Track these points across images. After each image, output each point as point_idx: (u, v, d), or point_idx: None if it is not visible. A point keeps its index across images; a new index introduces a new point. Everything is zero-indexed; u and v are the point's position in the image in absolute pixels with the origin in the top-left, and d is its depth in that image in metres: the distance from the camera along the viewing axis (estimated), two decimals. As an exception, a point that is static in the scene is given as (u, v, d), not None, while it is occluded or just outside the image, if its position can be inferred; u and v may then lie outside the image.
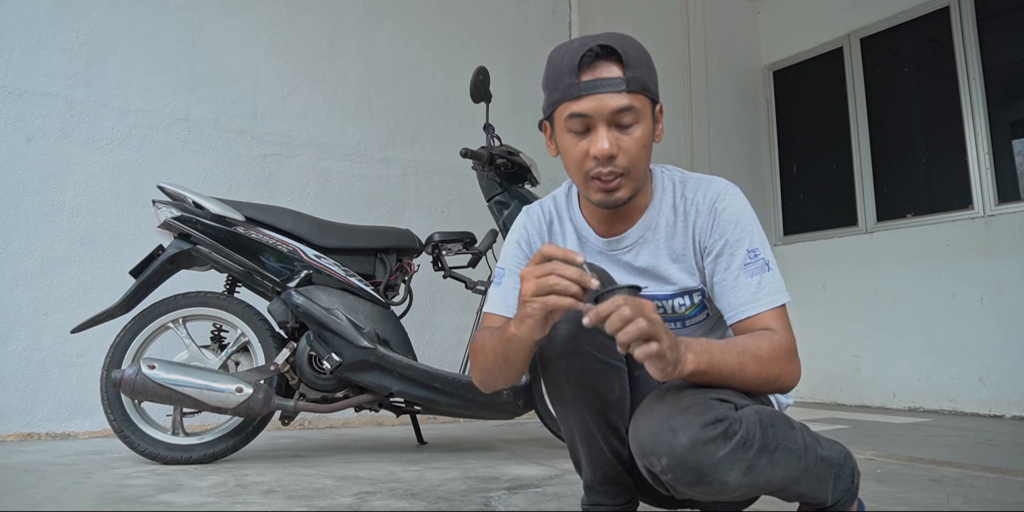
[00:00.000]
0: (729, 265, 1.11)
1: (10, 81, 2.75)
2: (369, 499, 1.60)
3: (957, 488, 1.77)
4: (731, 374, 0.98)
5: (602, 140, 1.05)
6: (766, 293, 1.08)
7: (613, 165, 1.07)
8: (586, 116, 1.06)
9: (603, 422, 1.13)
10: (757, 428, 0.96)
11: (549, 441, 2.68)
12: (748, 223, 1.13)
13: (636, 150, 1.08)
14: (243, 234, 2.20)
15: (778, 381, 1.03)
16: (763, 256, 1.11)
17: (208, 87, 3.17)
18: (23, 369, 2.64)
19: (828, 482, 1.05)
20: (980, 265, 3.76)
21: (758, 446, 0.95)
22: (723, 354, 0.97)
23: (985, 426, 3.21)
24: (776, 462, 0.97)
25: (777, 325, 1.07)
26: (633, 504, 1.22)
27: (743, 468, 0.94)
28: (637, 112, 1.06)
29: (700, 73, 4.93)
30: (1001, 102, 3.87)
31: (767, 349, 1.02)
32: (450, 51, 3.85)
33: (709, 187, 1.17)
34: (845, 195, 4.56)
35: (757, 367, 1.00)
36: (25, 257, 2.70)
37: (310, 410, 2.20)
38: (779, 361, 1.03)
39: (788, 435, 1.00)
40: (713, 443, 0.93)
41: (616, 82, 1.05)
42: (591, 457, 1.17)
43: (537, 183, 2.54)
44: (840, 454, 1.08)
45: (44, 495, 1.62)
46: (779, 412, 1.05)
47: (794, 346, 1.06)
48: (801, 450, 1.01)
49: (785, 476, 0.99)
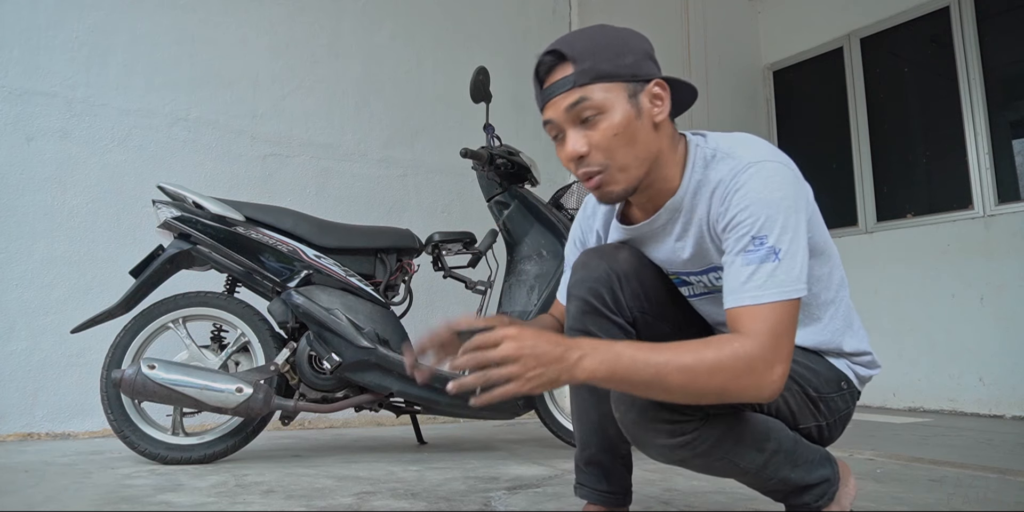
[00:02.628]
0: (730, 249, 1.00)
1: (10, 81, 2.75)
2: (369, 499, 1.60)
3: (957, 488, 1.77)
4: (644, 384, 0.89)
5: (568, 145, 1.04)
6: (755, 286, 0.94)
7: (586, 165, 1.04)
8: (551, 122, 1.06)
9: (602, 406, 1.17)
10: (710, 440, 1.01)
11: (549, 441, 2.68)
12: (761, 206, 0.98)
13: (607, 142, 1.02)
14: (243, 234, 2.20)
15: (725, 394, 0.90)
16: (772, 245, 0.96)
17: (208, 87, 3.17)
18: (23, 369, 2.64)
19: (779, 494, 1.13)
20: (980, 265, 3.75)
21: (699, 452, 1.02)
22: (633, 363, 0.88)
23: (985, 426, 3.21)
24: (712, 465, 1.05)
25: (756, 326, 0.92)
26: (625, 498, 1.23)
27: (674, 458, 1.04)
28: (595, 102, 1.02)
29: (700, 73, 4.93)
30: (1001, 102, 3.87)
31: (708, 359, 0.89)
32: (450, 51, 3.85)
33: (731, 165, 1.04)
34: (845, 195, 4.56)
35: (684, 379, 0.88)
36: (25, 257, 2.70)
37: (310, 410, 2.20)
38: (722, 373, 0.88)
39: (743, 455, 1.04)
40: (655, 431, 1.01)
41: (563, 82, 1.04)
42: (581, 434, 1.25)
43: (537, 183, 2.54)
44: (821, 478, 1.12)
45: (44, 495, 1.62)
46: (762, 433, 1.05)
47: (763, 356, 0.90)
48: (754, 469, 1.06)
49: (719, 475, 1.09)
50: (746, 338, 0.92)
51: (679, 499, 1.61)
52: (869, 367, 1.20)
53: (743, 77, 5.21)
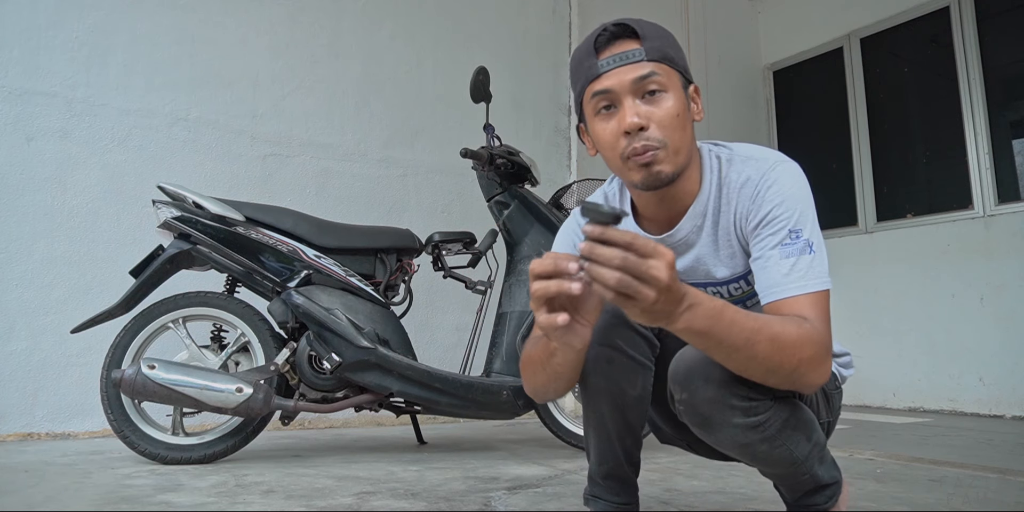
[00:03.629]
0: (766, 244, 1.02)
1: (10, 81, 2.75)
2: (369, 499, 1.60)
3: (957, 488, 1.77)
4: (734, 347, 0.87)
5: (629, 113, 1.00)
6: (799, 276, 0.98)
7: (646, 138, 1.01)
8: (609, 91, 1.02)
9: (620, 419, 1.14)
10: (778, 424, 1.00)
11: (549, 441, 2.68)
12: (794, 202, 1.02)
13: (669, 120, 1.01)
14: (243, 234, 2.20)
15: (794, 373, 0.91)
16: (807, 238, 1.00)
17: (208, 87, 3.17)
18: (23, 369, 2.64)
19: (800, 491, 1.12)
20: (980, 265, 3.76)
21: (767, 436, 0.99)
22: (732, 325, 0.86)
23: (985, 426, 3.21)
24: (771, 455, 1.03)
25: (812, 313, 0.96)
26: (634, 505, 1.22)
27: (743, 442, 1.00)
28: (662, 80, 1.01)
29: (700, 73, 4.92)
30: (1001, 102, 3.87)
31: (793, 334, 0.90)
32: (450, 51, 3.85)
33: (756, 165, 1.07)
34: (845, 195, 4.56)
35: (770, 349, 0.88)
36: (25, 257, 2.70)
37: (310, 410, 2.20)
38: (802, 350, 0.90)
39: (798, 443, 1.04)
40: (732, 410, 0.97)
41: (634, 53, 1.02)
42: (599, 449, 1.18)
43: (537, 183, 2.54)
44: (831, 478, 1.13)
45: (44, 495, 1.62)
46: (811, 422, 1.07)
47: (827, 340, 0.94)
48: (799, 460, 1.05)
49: (772, 466, 1.06)
50: (807, 322, 0.94)
51: (679, 499, 1.61)
52: (847, 367, 1.24)
53: (743, 77, 5.21)
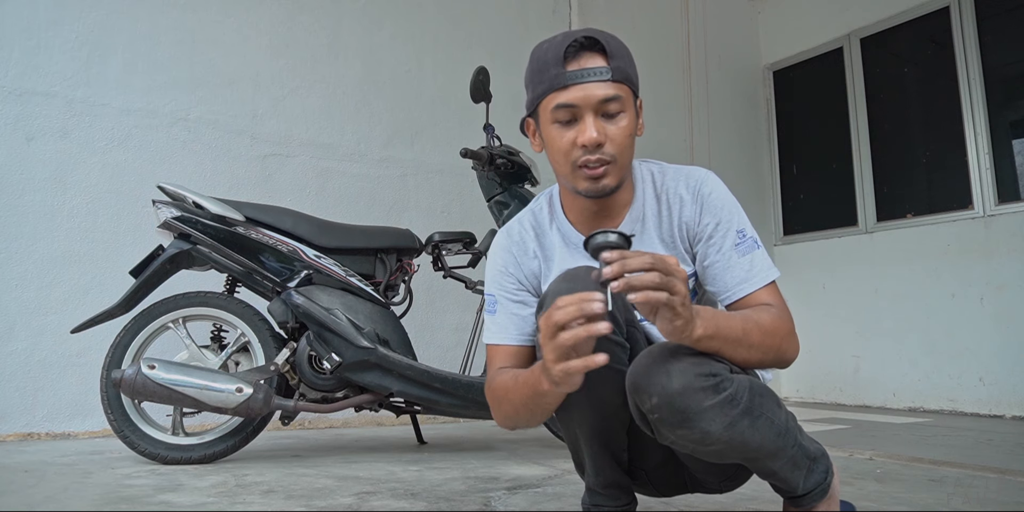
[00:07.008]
0: (721, 247, 1.14)
1: (10, 81, 2.75)
2: (369, 499, 1.60)
3: (957, 488, 1.77)
4: (736, 341, 0.99)
5: (590, 129, 1.06)
6: (759, 270, 1.12)
7: (601, 153, 1.08)
8: (573, 106, 1.07)
9: (606, 428, 1.14)
10: (747, 392, 1.00)
11: (549, 441, 2.68)
12: (732, 205, 1.17)
13: (622, 139, 1.09)
14: (243, 234, 2.20)
15: (778, 352, 1.05)
16: (751, 235, 1.15)
17: (208, 87, 3.17)
18: (23, 369, 2.64)
19: (802, 470, 1.09)
20: (980, 265, 3.76)
21: (743, 407, 0.99)
22: (728, 320, 0.99)
23: (985, 426, 3.21)
24: (757, 428, 1.01)
25: (773, 300, 1.10)
26: (632, 504, 1.23)
27: (725, 422, 0.98)
28: (623, 102, 1.08)
29: (700, 73, 4.93)
30: (1001, 102, 3.87)
31: (768, 320, 1.04)
32: (450, 51, 3.85)
33: (690, 175, 1.20)
34: (845, 195, 4.56)
35: (760, 336, 1.02)
36: (25, 257, 2.70)
37: (310, 410, 2.20)
38: (780, 332, 1.05)
39: (773, 410, 1.04)
40: (703, 392, 0.97)
41: (602, 71, 1.06)
42: (594, 461, 1.18)
43: (537, 183, 2.54)
44: (818, 450, 1.13)
45: (44, 495, 1.62)
46: (769, 389, 1.08)
47: (791, 320, 1.08)
48: (782, 428, 1.05)
49: (763, 445, 1.02)
50: (773, 308, 1.08)
51: (679, 499, 1.60)
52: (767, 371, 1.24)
53: (743, 77, 5.21)
